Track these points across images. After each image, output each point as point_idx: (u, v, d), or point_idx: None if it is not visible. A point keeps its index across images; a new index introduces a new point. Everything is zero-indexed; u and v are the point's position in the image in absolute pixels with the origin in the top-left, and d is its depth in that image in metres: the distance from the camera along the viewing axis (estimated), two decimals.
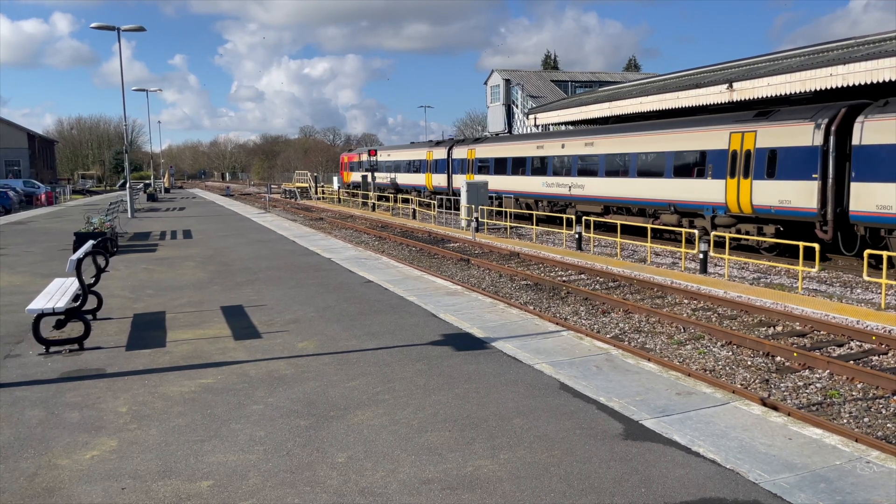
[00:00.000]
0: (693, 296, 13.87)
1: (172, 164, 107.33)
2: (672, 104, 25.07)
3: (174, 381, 6.65)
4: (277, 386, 6.48)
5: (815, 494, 4.23)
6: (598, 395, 6.10)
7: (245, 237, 21.05)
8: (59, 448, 5.11)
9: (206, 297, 11.05)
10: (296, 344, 8.00)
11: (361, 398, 6.11)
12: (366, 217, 36.21)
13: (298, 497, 4.32)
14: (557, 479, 4.50)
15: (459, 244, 23.75)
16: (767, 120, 18.70)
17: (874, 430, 7.37)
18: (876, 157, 15.74)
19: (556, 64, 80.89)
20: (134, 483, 4.53)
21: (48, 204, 45.29)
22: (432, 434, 5.27)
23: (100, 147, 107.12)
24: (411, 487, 4.41)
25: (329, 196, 55.90)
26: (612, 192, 24.36)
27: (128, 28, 30.04)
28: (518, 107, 54.18)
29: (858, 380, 8.72)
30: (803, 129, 17.49)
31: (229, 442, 5.19)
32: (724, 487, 4.34)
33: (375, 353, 7.58)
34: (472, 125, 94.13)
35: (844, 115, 16.82)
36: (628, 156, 23.59)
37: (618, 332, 11.46)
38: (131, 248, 18.26)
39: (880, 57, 17.34)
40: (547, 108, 37.65)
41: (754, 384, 8.83)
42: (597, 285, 15.64)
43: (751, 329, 11.46)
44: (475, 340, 8.06)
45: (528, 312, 10.64)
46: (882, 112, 15.84)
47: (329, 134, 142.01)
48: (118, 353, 7.71)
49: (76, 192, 69.22)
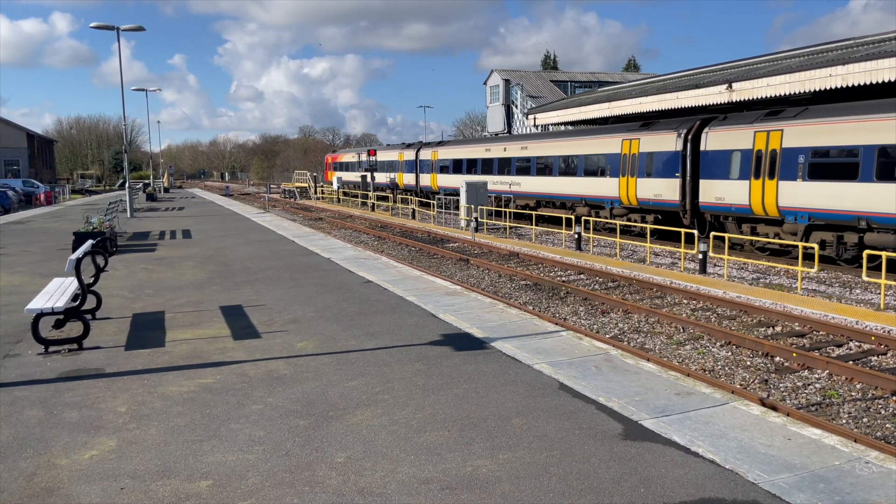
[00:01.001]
0: (692, 296, 13.88)
1: (172, 164, 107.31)
2: (671, 104, 25.08)
3: (173, 381, 6.65)
4: (276, 386, 6.48)
5: (814, 494, 4.23)
6: (598, 395, 6.10)
7: (244, 237, 21.05)
8: (58, 448, 5.11)
9: (205, 296, 11.05)
10: (295, 344, 8.00)
11: (361, 398, 6.11)
12: (365, 217, 36.21)
13: (297, 497, 4.32)
14: (556, 479, 4.50)
15: (459, 244, 23.75)
16: (648, 130, 23.09)
17: (873, 430, 7.38)
18: (715, 160, 20.08)
19: (556, 64, 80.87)
20: (133, 483, 4.53)
21: (47, 204, 45.27)
22: (431, 434, 5.27)
23: (99, 147, 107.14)
24: (410, 487, 4.41)
25: (328, 196, 55.90)
26: (541, 188, 29.00)
27: (127, 28, 30.03)
28: (517, 107, 54.20)
29: (857, 380, 8.72)
30: (670, 137, 21.78)
31: (228, 442, 5.19)
32: (723, 487, 4.34)
33: (375, 353, 7.58)
34: (471, 125, 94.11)
35: (698, 126, 20.94)
36: (552, 158, 28.14)
37: (617, 333, 11.46)
38: (130, 248, 18.26)
39: (880, 57, 17.35)
40: (546, 108, 37.66)
41: (753, 384, 8.83)
42: (596, 285, 15.65)
43: (750, 329, 11.46)
44: (474, 340, 8.06)
45: (528, 312, 10.64)
46: (720, 125, 20.05)
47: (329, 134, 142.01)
48: (117, 353, 7.71)
49: (75, 191, 69.21)
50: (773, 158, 18.21)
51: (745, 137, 19.21)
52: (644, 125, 23.90)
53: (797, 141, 17.56)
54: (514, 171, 30.61)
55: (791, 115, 18.19)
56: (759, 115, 19.44)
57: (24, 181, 52.57)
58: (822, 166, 17.02)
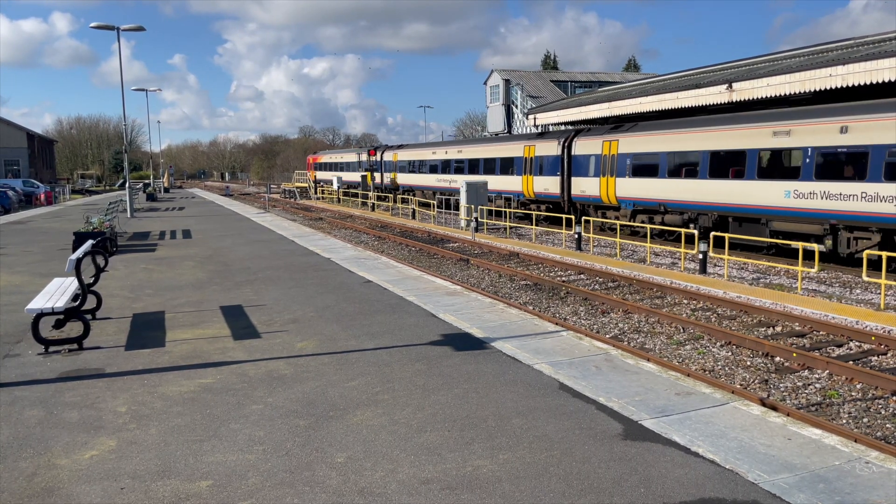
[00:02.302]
0: (692, 296, 13.88)
1: (172, 164, 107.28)
2: (671, 104, 25.08)
3: (173, 381, 6.65)
4: (277, 386, 6.48)
5: (814, 495, 4.23)
6: (598, 395, 6.10)
7: (244, 237, 21.05)
8: (59, 448, 5.11)
9: (205, 296, 11.05)
10: (295, 344, 8.00)
11: (361, 398, 6.11)
12: (365, 217, 36.21)
13: (297, 497, 4.32)
14: (557, 479, 4.50)
15: (459, 244, 23.75)
16: (541, 138, 29.66)
17: (873, 430, 7.38)
18: (580, 162, 26.35)
19: (556, 64, 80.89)
20: (133, 483, 4.53)
21: (47, 203, 45.27)
22: (431, 434, 5.27)
23: (99, 147, 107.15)
24: (410, 487, 4.41)
25: (328, 196, 55.90)
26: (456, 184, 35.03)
27: (127, 28, 30.03)
28: (518, 107, 54.20)
29: (858, 380, 8.72)
30: (554, 144, 28.04)
31: (228, 442, 5.19)
32: (723, 487, 4.34)
33: (375, 353, 7.58)
34: (471, 125, 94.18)
35: (572, 136, 27.19)
36: (479, 160, 34.70)
37: (617, 333, 11.46)
38: (130, 248, 18.26)
39: (880, 57, 17.35)
40: (546, 108, 37.66)
41: (753, 384, 8.83)
42: (596, 285, 15.65)
43: (750, 329, 11.46)
44: (474, 340, 8.06)
45: (528, 312, 10.64)
46: (584, 136, 26.59)
47: (329, 134, 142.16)
48: (117, 353, 7.71)
49: (75, 191, 69.20)
50: (613, 161, 24.37)
51: (597, 145, 25.31)
52: (539, 135, 30.59)
53: (626, 149, 23.75)
54: (452, 171, 37.72)
55: (625, 129, 24.39)
56: (608, 128, 25.82)
57: (25, 181, 52.58)
58: (640, 167, 23.14)
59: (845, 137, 16.14)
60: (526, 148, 29.94)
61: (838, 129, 16.33)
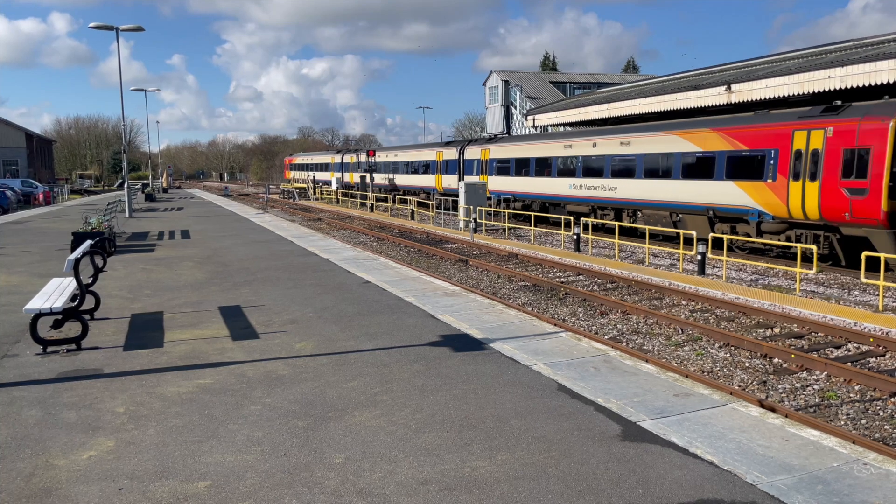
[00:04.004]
0: (691, 297, 13.88)
1: (170, 165, 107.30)
2: (670, 106, 25.11)
3: (172, 382, 6.65)
4: (275, 386, 6.48)
5: (812, 496, 4.23)
6: (596, 396, 6.10)
7: (243, 237, 21.04)
8: (57, 448, 5.11)
9: (203, 297, 11.04)
10: (294, 344, 8.00)
11: (359, 399, 6.11)
12: (364, 218, 36.21)
13: (296, 498, 4.31)
14: (555, 480, 4.50)
15: (458, 245, 23.75)
16: (447, 147, 39.77)
17: (871, 431, 7.38)
18: (469, 165, 35.94)
19: (555, 65, 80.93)
20: (131, 483, 4.52)
21: (46, 204, 45.22)
22: (430, 435, 5.27)
23: (98, 147, 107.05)
24: (409, 488, 4.41)
25: (327, 196, 55.90)
26: (406, 182, 46.14)
27: (126, 28, 30.02)
28: (517, 108, 54.22)
29: (856, 382, 8.73)
30: (454, 151, 37.86)
31: (227, 442, 5.18)
32: (721, 489, 4.34)
33: (373, 353, 7.58)
34: (470, 126, 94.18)
35: (465, 145, 37.18)
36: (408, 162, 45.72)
37: (616, 334, 11.46)
38: (129, 249, 18.24)
39: (878, 59, 17.38)
40: (546, 109, 37.69)
41: (752, 386, 8.83)
42: (595, 286, 15.65)
43: (748, 331, 11.47)
44: (473, 341, 8.06)
45: (527, 313, 10.64)
46: (470, 145, 36.58)
47: (328, 134, 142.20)
48: (116, 354, 7.70)
49: (74, 191, 69.10)
50: (486, 165, 33.77)
51: (478, 152, 34.82)
52: (446, 143, 41.43)
53: (494, 155, 33.09)
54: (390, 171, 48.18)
55: (494, 141, 34.56)
56: (485, 139, 37.36)
57: (23, 181, 52.49)
58: (501, 169, 32.23)
59: (595, 150, 25.27)
60: (437, 153, 40.39)
61: (591, 144, 25.57)
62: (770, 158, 17.95)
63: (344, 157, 59.37)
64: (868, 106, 16.24)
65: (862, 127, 15.76)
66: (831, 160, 16.33)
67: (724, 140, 19.49)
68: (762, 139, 18.29)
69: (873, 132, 15.47)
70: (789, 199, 17.43)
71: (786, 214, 17.69)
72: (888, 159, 15.13)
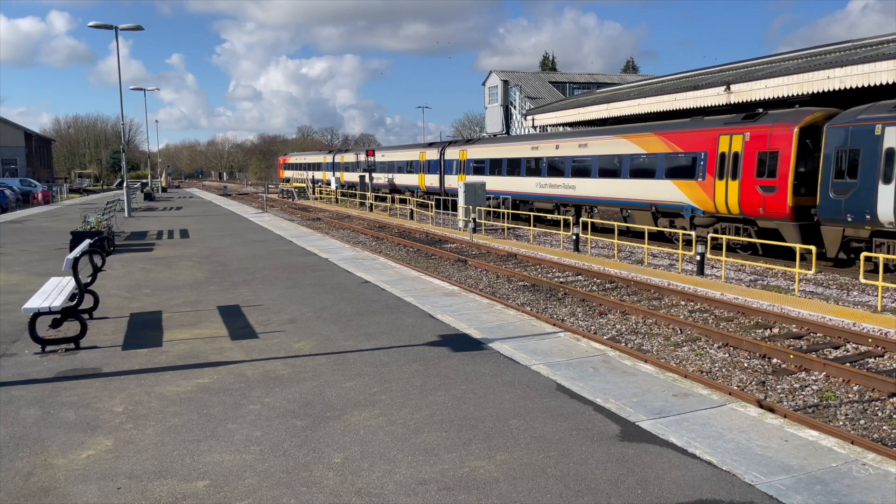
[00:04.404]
0: (690, 297, 13.89)
1: (170, 164, 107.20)
2: (669, 106, 25.09)
3: (170, 381, 6.64)
4: (274, 386, 6.47)
5: (810, 496, 4.24)
6: (595, 396, 6.11)
7: (242, 237, 21.03)
8: (55, 447, 5.10)
9: (202, 296, 11.04)
10: (293, 344, 8.00)
11: (358, 398, 6.10)
12: (363, 217, 36.20)
13: (295, 497, 4.31)
14: (554, 480, 4.50)
15: (457, 245, 23.76)
16: (429, 147, 41.79)
17: (870, 432, 7.39)
18: (448, 165, 38.24)
19: (555, 65, 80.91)
20: (130, 483, 4.52)
21: (45, 203, 45.19)
22: (429, 435, 5.27)
23: (97, 146, 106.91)
24: (408, 488, 4.41)
25: (326, 196, 55.89)
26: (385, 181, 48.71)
27: (125, 27, 29.98)
28: (516, 108, 54.23)
29: (854, 382, 8.74)
30: (436, 151, 40.05)
31: (225, 442, 5.18)
32: (720, 489, 4.34)
33: (372, 353, 7.57)
34: (470, 126, 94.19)
35: (446, 146, 39.51)
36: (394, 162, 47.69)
37: (615, 334, 11.47)
38: (128, 248, 18.24)
39: (877, 60, 17.38)
40: (545, 109, 37.69)
41: (751, 386, 8.84)
42: (594, 286, 15.66)
43: (747, 331, 11.47)
44: (472, 341, 8.06)
45: (526, 313, 10.64)
46: (451, 146, 38.72)
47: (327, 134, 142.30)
48: (114, 353, 7.69)
49: (73, 191, 69.02)
50: (464, 165, 35.97)
51: (457, 153, 37.21)
52: (429, 144, 43.53)
53: (471, 156, 35.43)
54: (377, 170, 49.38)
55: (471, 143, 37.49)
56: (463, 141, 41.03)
57: (22, 180, 52.44)
58: (477, 168, 34.48)
59: (557, 151, 27.37)
60: (420, 154, 42.48)
61: (555, 146, 27.77)
62: (700, 160, 20.13)
63: (335, 157, 63.57)
64: (779, 114, 18.43)
65: (772, 132, 17.91)
66: (748, 162, 18.50)
67: (664, 143, 21.69)
68: (694, 142, 20.47)
69: (781, 137, 17.63)
70: (716, 196, 19.61)
71: (713, 210, 19.88)
72: (793, 161, 17.24)
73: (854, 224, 16.00)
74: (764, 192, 18.04)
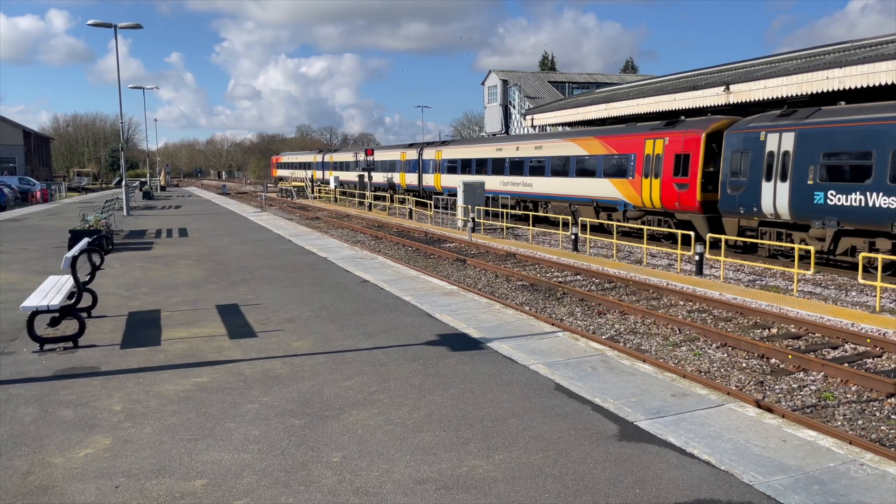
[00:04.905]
0: (688, 297, 13.89)
1: (168, 163, 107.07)
2: (668, 106, 25.09)
3: (169, 380, 6.64)
4: (272, 385, 6.47)
5: (808, 496, 4.24)
6: (594, 396, 6.11)
7: (241, 236, 21.02)
8: (53, 446, 5.10)
9: (201, 295, 11.03)
10: (291, 343, 7.99)
11: (357, 398, 6.10)
12: (362, 217, 36.19)
13: (293, 496, 4.31)
14: (552, 479, 4.50)
15: (456, 244, 23.75)
16: (409, 148, 44.67)
17: (868, 432, 7.39)
18: (426, 164, 40.93)
19: (554, 65, 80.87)
20: (128, 481, 4.52)
21: (43, 201, 45.16)
22: (427, 434, 5.27)
23: (96, 144, 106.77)
24: (406, 487, 4.41)
25: (325, 195, 55.87)
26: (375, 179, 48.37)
27: (125, 25, 29.92)
28: (515, 107, 54.22)
29: (853, 382, 8.74)
30: (415, 152, 42.90)
31: (224, 441, 5.18)
32: (718, 489, 4.35)
33: (371, 352, 7.57)
34: (469, 125, 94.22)
35: (423, 147, 41.96)
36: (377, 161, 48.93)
37: (613, 334, 11.47)
38: (127, 246, 18.22)
39: (876, 60, 17.38)
40: (544, 109, 37.68)
41: (749, 386, 8.84)
42: (593, 286, 15.66)
43: (746, 331, 11.48)
44: (471, 341, 8.06)
45: (524, 313, 10.64)
46: (427, 147, 41.33)
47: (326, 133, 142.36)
48: (113, 352, 7.69)
49: (72, 189, 68.95)
50: (440, 164, 38.80)
51: (433, 153, 39.92)
52: (410, 145, 45.73)
53: (446, 156, 38.17)
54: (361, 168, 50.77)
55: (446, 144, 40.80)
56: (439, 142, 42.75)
57: (21, 178, 52.38)
58: (451, 168, 37.28)
59: (518, 153, 30.09)
60: (402, 154, 45.27)
61: (515, 148, 30.38)
62: (631, 161, 22.91)
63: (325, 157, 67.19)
64: (693, 121, 21.44)
65: (685, 137, 20.71)
66: (668, 163, 21.22)
67: (603, 146, 24.56)
68: (627, 146, 23.32)
69: (692, 141, 20.41)
70: (643, 193, 22.33)
71: (641, 204, 22.61)
72: (701, 162, 20.03)
73: (745, 216, 18.70)
74: (679, 188, 20.76)
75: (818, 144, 16.55)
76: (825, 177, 16.38)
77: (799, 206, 16.97)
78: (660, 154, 21.54)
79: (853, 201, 15.69)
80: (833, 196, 16.13)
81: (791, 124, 17.43)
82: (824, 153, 16.41)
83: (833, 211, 16.16)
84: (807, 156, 16.79)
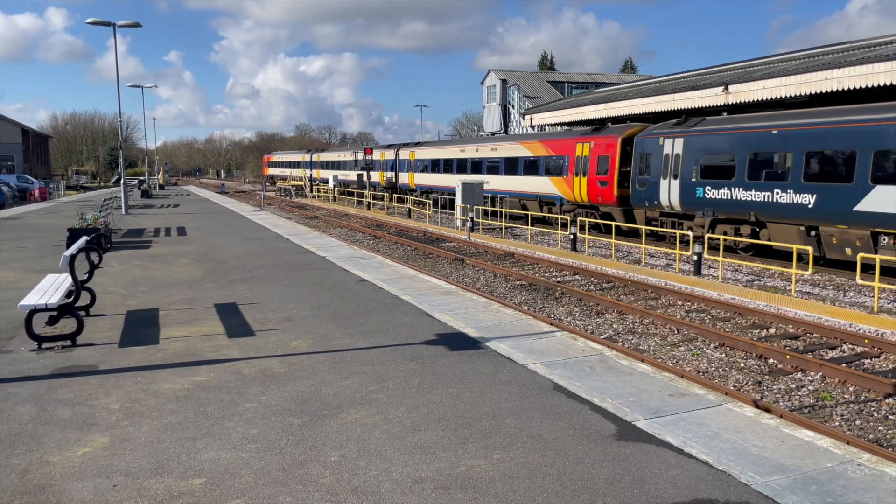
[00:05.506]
0: (687, 297, 13.90)
1: (167, 161, 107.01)
2: (667, 106, 25.09)
3: (167, 379, 6.64)
4: (271, 384, 6.47)
5: (806, 496, 4.24)
6: (592, 395, 6.11)
7: (239, 235, 21.01)
8: (51, 445, 5.10)
9: (199, 294, 11.03)
10: (289, 342, 7.99)
11: (355, 397, 6.10)
12: (361, 216, 36.18)
13: (291, 495, 4.31)
14: (550, 479, 4.50)
15: (454, 244, 23.75)
16: (387, 149, 47.66)
17: (866, 432, 7.40)
18: (402, 163, 44.00)
19: (553, 65, 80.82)
20: (126, 480, 4.52)
21: (42, 200, 45.09)
22: (425, 433, 5.27)
23: (94, 143, 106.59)
24: (404, 486, 4.41)
25: (324, 194, 55.84)
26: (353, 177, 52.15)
27: (123, 24, 29.88)
28: (514, 107, 54.20)
29: (850, 382, 8.75)
30: (392, 152, 45.98)
31: (222, 440, 5.18)
32: (716, 489, 4.35)
33: (369, 351, 7.57)
34: (468, 125, 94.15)
35: (399, 148, 45.04)
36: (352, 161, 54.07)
37: (612, 333, 11.48)
38: (125, 245, 18.21)
39: (875, 61, 17.40)
40: (543, 108, 37.68)
41: (747, 386, 8.85)
42: (591, 286, 15.66)
43: (744, 331, 11.49)
44: (469, 340, 8.06)
45: (523, 313, 10.65)
46: (403, 148, 44.71)
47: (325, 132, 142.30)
48: (111, 350, 7.68)
49: (70, 187, 68.79)
50: (413, 164, 41.70)
51: (407, 153, 42.96)
52: (389, 146, 48.68)
53: (419, 156, 41.20)
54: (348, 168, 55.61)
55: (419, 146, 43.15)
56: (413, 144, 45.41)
57: (19, 177, 52.30)
58: (423, 167, 40.28)
59: (477, 153, 33.52)
60: (381, 154, 48.29)
61: (475, 149, 33.93)
62: (566, 162, 26.19)
63: (312, 156, 71.00)
64: (614, 128, 25.12)
65: (606, 142, 24.13)
66: (593, 163, 24.53)
67: (545, 148, 27.90)
68: (562, 148, 26.67)
69: (611, 145, 23.83)
70: (574, 189, 25.61)
71: (573, 199, 25.90)
72: (617, 163, 23.32)
73: (650, 208, 21.83)
74: (601, 185, 24.14)
75: (699, 148, 19.82)
76: (704, 175, 19.58)
77: (686, 199, 20.20)
78: (587, 156, 24.81)
79: (723, 195, 18.91)
80: (709, 191, 19.37)
81: (681, 132, 20.66)
82: (704, 155, 19.67)
83: (710, 203, 19.43)
84: (691, 158, 20.01)
